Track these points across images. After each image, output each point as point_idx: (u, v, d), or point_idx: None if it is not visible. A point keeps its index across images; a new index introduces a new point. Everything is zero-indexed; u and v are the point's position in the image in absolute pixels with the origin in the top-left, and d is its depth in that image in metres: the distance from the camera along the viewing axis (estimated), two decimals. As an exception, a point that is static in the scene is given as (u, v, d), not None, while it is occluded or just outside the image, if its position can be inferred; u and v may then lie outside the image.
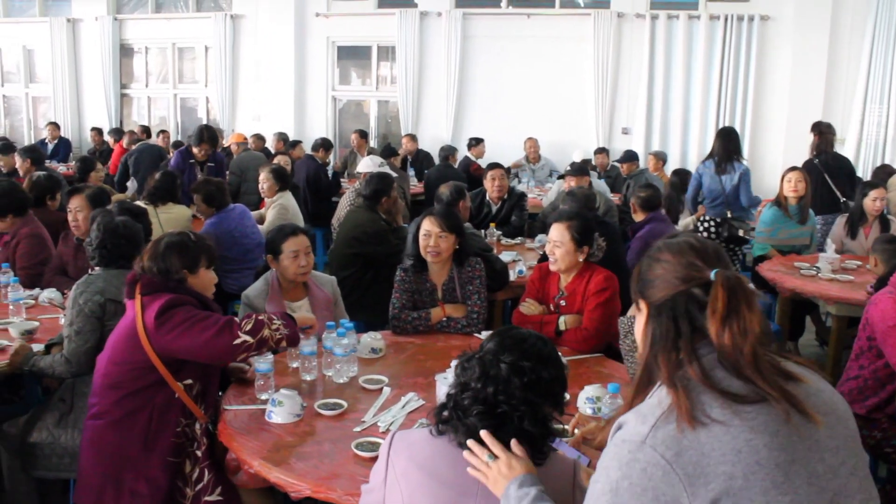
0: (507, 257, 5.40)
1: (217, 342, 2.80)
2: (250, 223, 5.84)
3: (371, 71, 12.56)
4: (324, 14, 12.19)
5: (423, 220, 3.97)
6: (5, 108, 15.21)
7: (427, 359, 3.51)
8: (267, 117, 12.40)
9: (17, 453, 3.42)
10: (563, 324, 3.76)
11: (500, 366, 1.95)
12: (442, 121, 11.80)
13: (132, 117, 14.07)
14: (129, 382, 2.87)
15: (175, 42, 13.49)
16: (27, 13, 14.49)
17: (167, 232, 3.11)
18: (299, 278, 3.86)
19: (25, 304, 4.16)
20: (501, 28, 11.53)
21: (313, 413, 2.86)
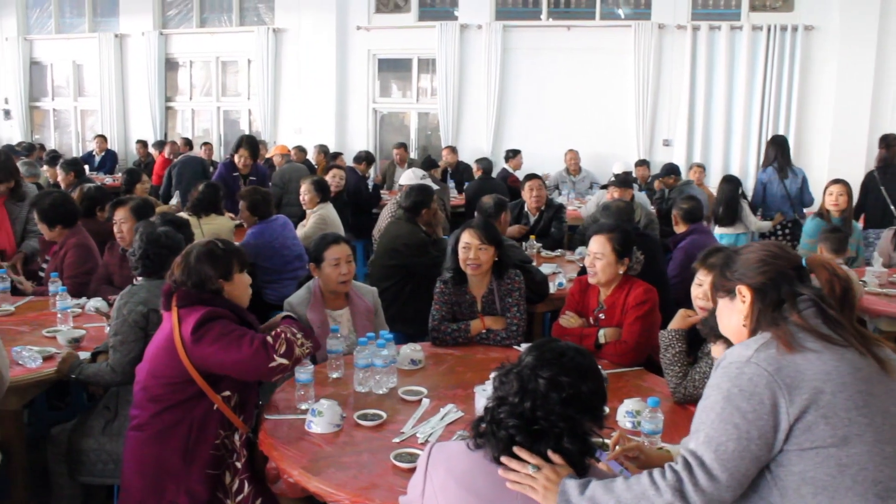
0: (547, 269, 5.39)
1: (252, 364, 2.82)
2: (291, 234, 5.89)
3: (411, 83, 12.62)
4: (365, 27, 12.28)
5: (462, 232, 3.97)
6: (55, 121, 15.54)
7: (466, 370, 3.52)
8: (308, 129, 12.50)
9: (63, 458, 3.49)
10: (603, 337, 3.74)
11: (539, 381, 1.93)
12: (482, 133, 11.81)
13: (176, 129, 14.28)
14: (167, 396, 2.90)
15: (219, 56, 13.68)
16: (77, 29, 14.80)
17: (193, 243, 3.12)
18: (340, 287, 3.88)
19: (73, 313, 4.22)
20: (541, 40, 11.52)
21: (352, 423, 2.88)
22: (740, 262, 2.03)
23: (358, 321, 3.92)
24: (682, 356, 3.17)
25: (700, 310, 3.26)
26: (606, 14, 11.45)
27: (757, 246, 2.06)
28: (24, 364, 3.50)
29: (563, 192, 10.19)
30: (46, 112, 15.56)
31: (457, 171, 10.91)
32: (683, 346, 3.19)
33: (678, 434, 2.75)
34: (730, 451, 1.78)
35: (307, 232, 6.23)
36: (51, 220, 4.88)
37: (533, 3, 11.85)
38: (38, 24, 15.11)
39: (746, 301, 1.99)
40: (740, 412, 1.79)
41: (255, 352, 2.81)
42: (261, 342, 2.84)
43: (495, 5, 11.80)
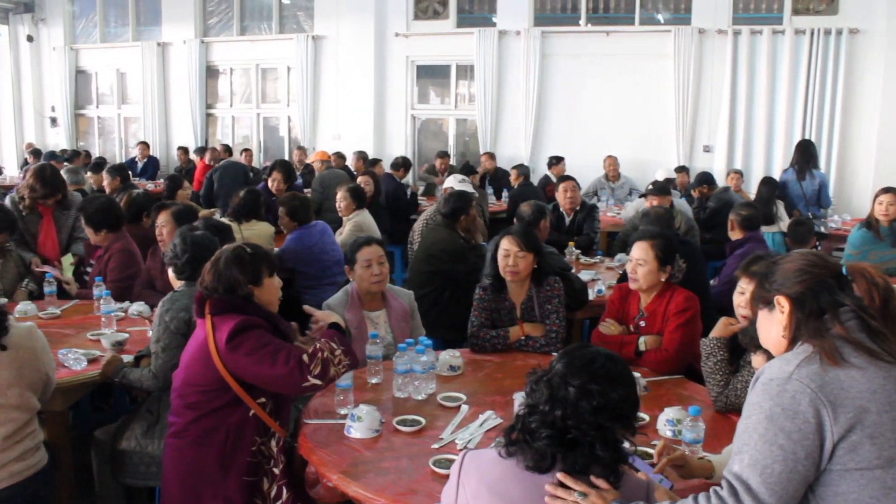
0: (586, 276, 5.36)
1: (286, 382, 2.81)
2: (330, 240, 5.93)
3: (450, 90, 12.64)
4: (403, 34, 12.33)
5: (501, 239, 3.97)
6: (100, 128, 15.81)
7: (505, 377, 3.51)
8: (347, 136, 12.59)
9: (106, 460, 3.54)
10: (643, 344, 3.71)
11: (568, 389, 1.91)
12: (520, 139, 11.79)
13: (216, 136, 14.45)
14: (203, 403, 2.91)
15: (258, 63, 13.82)
16: (121, 38, 15.05)
17: (221, 248, 3.11)
18: (373, 287, 3.90)
19: (116, 317, 4.29)
20: (580, 46, 11.47)
21: (391, 429, 2.88)
22: (779, 273, 1.99)
23: (394, 323, 3.93)
24: (723, 365, 3.13)
25: (742, 318, 3.22)
26: (646, 19, 11.38)
27: (796, 255, 2.02)
28: (69, 366, 3.56)
29: (601, 199, 10.13)
30: (91, 119, 15.85)
31: (495, 177, 10.90)
32: (725, 354, 3.15)
33: (719, 443, 2.72)
34: (776, 474, 1.74)
35: (344, 239, 6.26)
36: (97, 225, 4.96)
37: (572, 9, 11.80)
38: (83, 33, 15.41)
39: (785, 311, 1.95)
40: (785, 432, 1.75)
41: (289, 371, 2.78)
42: (296, 361, 2.80)
43: (534, 11, 11.78)
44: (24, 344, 2.93)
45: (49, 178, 5.54)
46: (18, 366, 2.88)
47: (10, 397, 2.85)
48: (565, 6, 11.88)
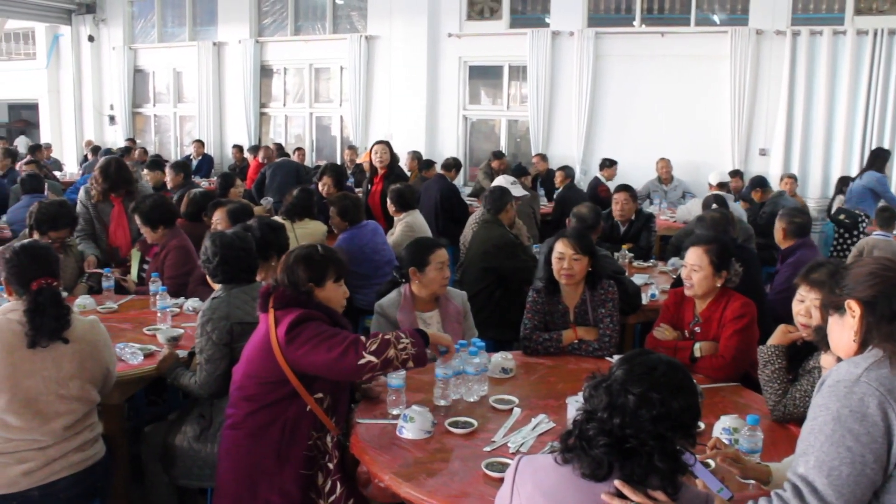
0: (639, 280, 5.31)
1: (342, 362, 2.81)
2: (382, 240, 5.94)
3: (502, 90, 12.60)
4: (456, 34, 12.33)
5: (556, 241, 3.94)
6: (156, 126, 16.10)
7: (558, 381, 3.48)
8: (399, 136, 12.62)
9: (158, 457, 3.59)
10: (698, 350, 3.65)
11: (628, 396, 1.86)
12: (572, 141, 11.69)
13: (270, 135, 14.60)
14: (262, 395, 2.94)
15: (312, 63, 13.93)
16: (178, 38, 15.30)
17: (298, 245, 3.18)
18: (441, 290, 3.90)
19: (171, 312, 4.36)
20: (635, 47, 11.35)
21: (443, 430, 2.88)
22: (850, 277, 1.95)
23: (448, 324, 3.92)
24: (782, 373, 3.06)
25: (802, 326, 3.15)
26: (702, 20, 11.20)
27: (868, 260, 2.00)
28: (126, 360, 3.62)
29: (654, 202, 10.01)
30: (148, 118, 16.14)
31: (547, 178, 10.85)
32: (783, 362, 3.08)
33: (777, 454, 2.66)
34: (844, 477, 1.71)
35: (396, 239, 6.26)
36: (154, 223, 5.04)
37: (626, 10, 11.68)
38: (142, 33, 15.71)
39: (856, 316, 1.91)
40: (853, 434, 1.71)
41: (344, 349, 2.81)
42: (351, 341, 2.83)
43: (587, 12, 11.68)
44: (86, 337, 3.00)
45: (112, 173, 5.69)
46: (81, 358, 2.94)
47: (72, 389, 2.91)
48: (619, 6, 11.76)
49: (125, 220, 5.64)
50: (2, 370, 2.78)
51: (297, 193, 6.14)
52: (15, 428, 2.81)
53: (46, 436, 2.86)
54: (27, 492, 2.84)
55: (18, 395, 2.80)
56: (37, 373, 2.84)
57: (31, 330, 2.81)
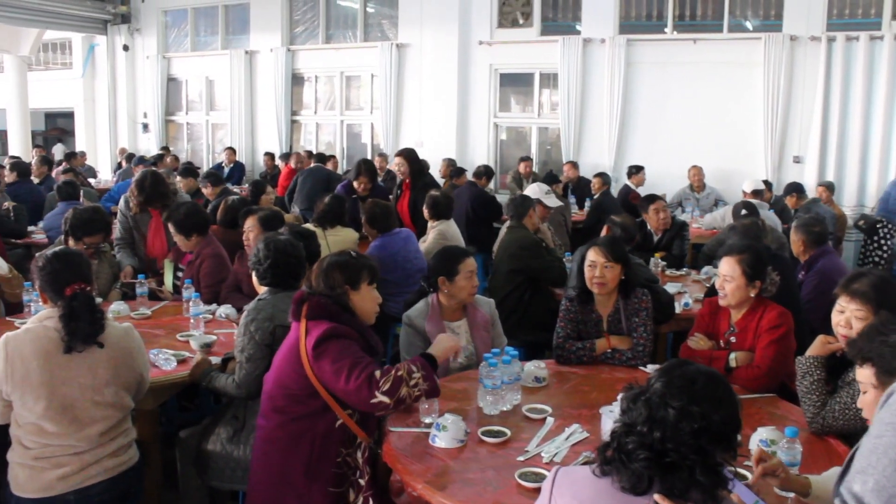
0: (673, 289, 5.26)
1: (357, 396, 2.83)
2: (414, 247, 5.94)
3: (533, 98, 12.57)
4: (487, 42, 12.32)
5: (587, 250, 3.91)
6: (188, 134, 16.27)
7: (591, 390, 3.45)
8: (429, 143, 12.64)
9: (191, 461, 3.60)
10: (734, 361, 3.60)
11: (668, 410, 1.83)
12: (604, 148, 11.62)
13: (301, 142, 14.68)
14: (291, 407, 2.94)
15: (343, 71, 13.99)
16: (210, 47, 15.45)
17: (331, 252, 3.21)
18: (469, 298, 3.89)
19: (204, 319, 4.39)
20: (666, 54, 11.28)
21: (476, 439, 2.86)
22: None
23: (476, 332, 3.90)
24: (820, 384, 3.01)
25: (842, 337, 3.09)
26: (734, 26, 11.09)
27: None
28: (159, 366, 3.65)
29: (686, 209, 9.93)
30: (180, 125, 16.31)
31: (578, 186, 10.80)
32: (822, 373, 3.03)
33: (816, 467, 2.61)
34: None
35: (428, 247, 6.24)
36: (188, 230, 5.08)
37: (658, 17, 11.61)
38: (175, 42, 15.88)
39: None
40: None
41: (358, 387, 2.81)
42: (366, 377, 2.82)
43: (619, 19, 11.63)
44: (120, 344, 3.02)
45: (147, 186, 5.73)
46: (115, 365, 2.97)
47: (107, 395, 2.94)
48: (651, 13, 11.69)
49: (163, 231, 5.69)
50: (39, 377, 2.82)
51: (328, 201, 6.15)
52: (52, 434, 2.85)
53: (82, 441, 2.90)
54: (63, 496, 2.87)
55: (55, 401, 2.83)
56: (73, 380, 2.87)
57: (67, 335, 2.85)
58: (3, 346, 2.86)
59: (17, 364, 2.82)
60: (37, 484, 2.86)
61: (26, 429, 2.87)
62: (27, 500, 2.87)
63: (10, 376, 2.82)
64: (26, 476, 2.87)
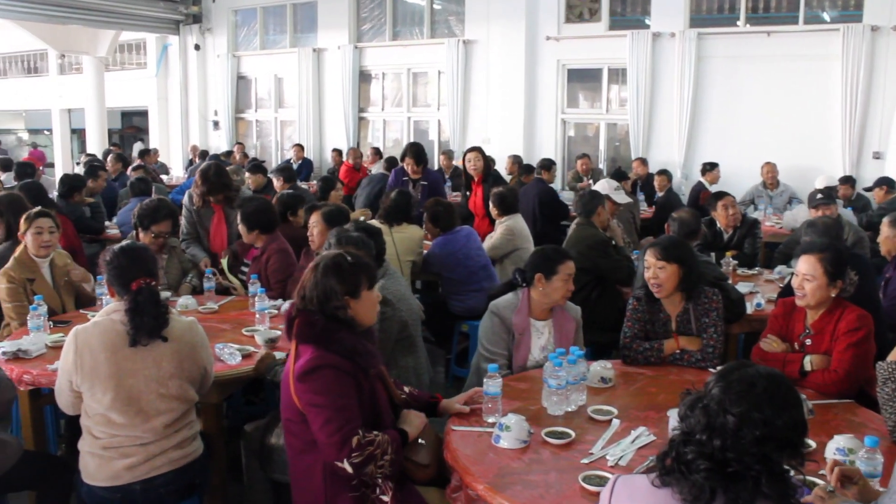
0: (744, 288, 5.10)
1: (326, 450, 2.67)
2: (476, 245, 5.89)
3: (601, 93, 12.41)
4: (554, 37, 12.21)
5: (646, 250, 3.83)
6: (258, 131, 16.54)
7: (659, 392, 3.36)
8: (496, 140, 12.59)
9: (255, 454, 3.63)
10: (809, 364, 3.46)
11: (727, 417, 1.75)
12: (674, 144, 11.41)
13: (368, 139, 14.79)
14: (299, 434, 2.81)
15: (410, 67, 14.04)
16: (279, 45, 15.67)
17: (323, 254, 3.03)
18: (562, 301, 3.83)
19: (269, 314, 4.40)
20: (739, 47, 11.00)
21: (540, 440, 2.80)
22: None
23: (560, 335, 3.83)
24: (903, 391, 2.86)
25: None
26: (811, 18, 10.74)
27: None
28: (224, 360, 3.68)
29: (759, 208, 9.66)
30: (250, 123, 16.58)
31: (647, 183, 10.63)
32: (905, 380, 2.88)
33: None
34: None
35: (495, 243, 6.19)
36: (251, 225, 5.14)
37: (730, 9, 11.33)
38: (245, 41, 16.17)
39: None
40: None
41: (331, 444, 2.64)
42: (342, 438, 2.63)
43: (689, 12, 11.39)
44: (185, 338, 3.07)
45: (211, 176, 5.83)
46: (179, 358, 3.01)
47: (171, 388, 2.99)
48: (723, 6, 11.42)
49: (224, 226, 5.77)
50: (106, 368, 2.88)
51: (394, 196, 6.13)
52: (119, 424, 2.92)
53: (148, 433, 2.95)
54: (130, 485, 2.94)
55: (122, 393, 2.89)
56: (138, 372, 2.92)
57: (132, 329, 2.91)
58: (72, 338, 2.94)
59: (86, 356, 2.90)
60: (105, 473, 2.93)
61: (95, 419, 2.95)
62: (96, 487, 2.95)
63: (80, 368, 2.90)
64: (95, 465, 2.95)
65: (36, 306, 4.11)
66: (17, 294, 4.42)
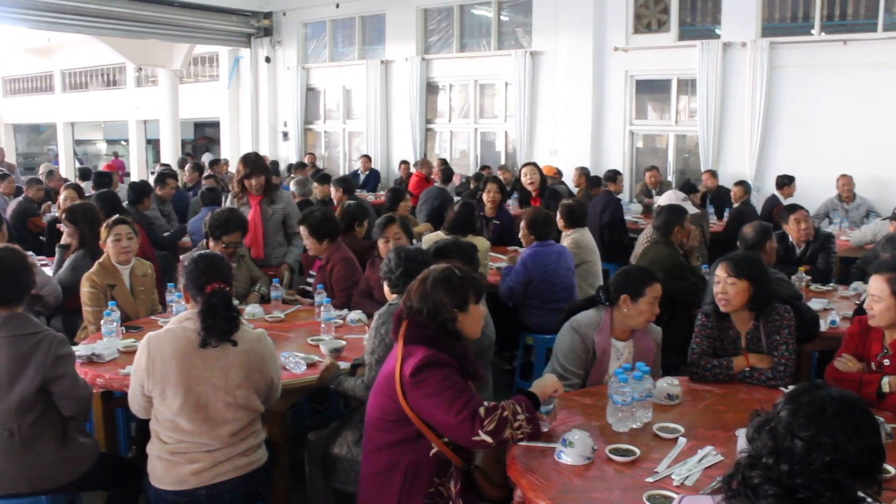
0: (818, 305, 4.96)
1: (458, 431, 2.70)
2: (566, 265, 5.70)
3: (670, 104, 12.23)
4: (622, 48, 12.10)
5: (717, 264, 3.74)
6: (326, 141, 16.75)
7: (727, 410, 3.28)
8: (564, 151, 12.52)
9: (318, 463, 3.66)
10: (887, 385, 3.32)
11: (795, 441, 1.68)
12: (744, 156, 11.16)
13: (435, 150, 14.84)
14: (386, 432, 2.87)
15: (477, 79, 14.05)
16: (347, 57, 15.87)
17: (431, 267, 3.07)
18: (644, 324, 3.75)
19: (335, 324, 4.44)
20: (813, 56, 10.72)
21: (604, 457, 2.76)
22: None
23: (640, 358, 3.74)
24: None
25: None
26: (890, 25, 10.37)
27: None
28: (290, 369, 3.72)
29: (833, 222, 9.38)
30: (318, 134, 16.81)
31: (717, 196, 10.40)
32: None
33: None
34: None
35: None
36: (320, 235, 5.19)
37: (804, 17, 11.04)
38: (314, 53, 16.42)
39: None
40: None
41: (460, 421, 2.68)
42: (470, 412, 2.68)
43: (761, 21, 11.14)
44: (253, 349, 3.12)
45: (251, 160, 6.03)
46: (247, 369, 3.07)
47: (238, 397, 3.04)
48: (796, 14, 11.14)
49: (259, 221, 5.90)
50: (177, 374, 2.96)
51: (458, 209, 6.13)
52: (186, 431, 2.99)
53: (214, 440, 3.01)
54: (195, 490, 3.01)
55: (190, 399, 2.96)
56: (207, 380, 2.98)
57: (203, 330, 2.98)
58: (146, 343, 3.03)
59: (157, 361, 2.98)
60: (172, 477, 3.01)
61: (164, 424, 3.03)
62: (164, 491, 3.04)
63: (152, 373, 2.98)
64: (163, 469, 3.03)
65: (109, 311, 4.23)
66: (97, 299, 4.58)
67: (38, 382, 3.10)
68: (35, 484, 3.17)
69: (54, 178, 10.76)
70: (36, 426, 3.15)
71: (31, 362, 3.10)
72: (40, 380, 3.10)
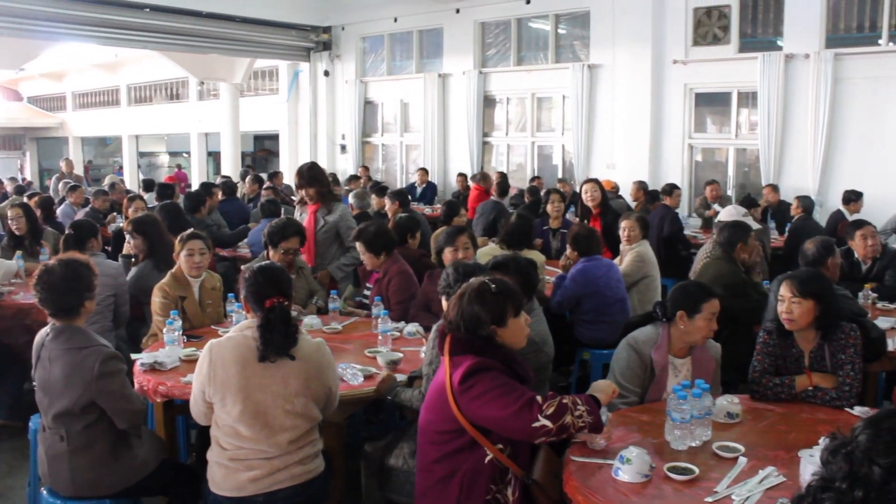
0: (885, 324, 4.82)
1: (516, 421, 2.70)
2: (616, 277, 5.71)
3: (729, 117, 12.05)
4: (682, 61, 11.97)
5: (780, 282, 3.66)
6: (383, 154, 16.89)
7: (790, 430, 3.20)
8: (621, 165, 12.43)
9: (374, 474, 3.68)
10: (959, 407, 3.23)
11: (873, 468, 1.63)
12: (807, 171, 10.93)
13: (492, 163, 14.84)
14: (441, 444, 2.88)
15: (534, 92, 14.03)
16: (405, 71, 16.00)
17: (469, 281, 3.06)
18: (702, 341, 3.70)
19: (392, 336, 4.47)
20: (880, 68, 10.45)
21: (662, 475, 2.72)
22: None
23: (697, 375, 3.69)
24: None
25: None
26: (963, 34, 10.12)
27: None
28: (347, 380, 3.76)
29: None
30: (376, 147, 16.95)
31: (778, 210, 10.20)
32: None
33: None
34: None
35: (625, 269, 6.03)
36: (377, 250, 5.23)
37: (870, 28, 10.79)
38: (372, 67, 16.60)
39: None
40: None
41: (518, 409, 2.68)
42: (527, 400, 2.70)
43: (825, 32, 10.92)
44: (312, 358, 3.15)
45: (305, 171, 6.19)
46: (306, 377, 3.10)
47: (297, 405, 3.08)
48: (862, 25, 10.89)
49: (311, 227, 6.01)
50: (237, 381, 3.00)
51: (514, 221, 6.12)
52: (246, 437, 3.03)
53: (272, 448, 3.04)
54: (253, 497, 3.04)
55: (249, 406, 3.00)
56: (266, 388, 3.02)
57: (262, 345, 3.02)
58: (207, 350, 3.09)
59: (218, 368, 3.03)
60: (231, 483, 3.05)
61: (224, 430, 3.07)
62: (222, 497, 3.08)
63: (213, 379, 3.03)
64: (222, 475, 3.07)
65: (172, 321, 4.31)
66: (168, 309, 4.67)
67: (85, 398, 3.22)
68: (80, 489, 3.28)
69: (116, 191, 11.03)
70: (86, 434, 3.26)
71: (78, 377, 3.22)
72: (88, 396, 3.22)
